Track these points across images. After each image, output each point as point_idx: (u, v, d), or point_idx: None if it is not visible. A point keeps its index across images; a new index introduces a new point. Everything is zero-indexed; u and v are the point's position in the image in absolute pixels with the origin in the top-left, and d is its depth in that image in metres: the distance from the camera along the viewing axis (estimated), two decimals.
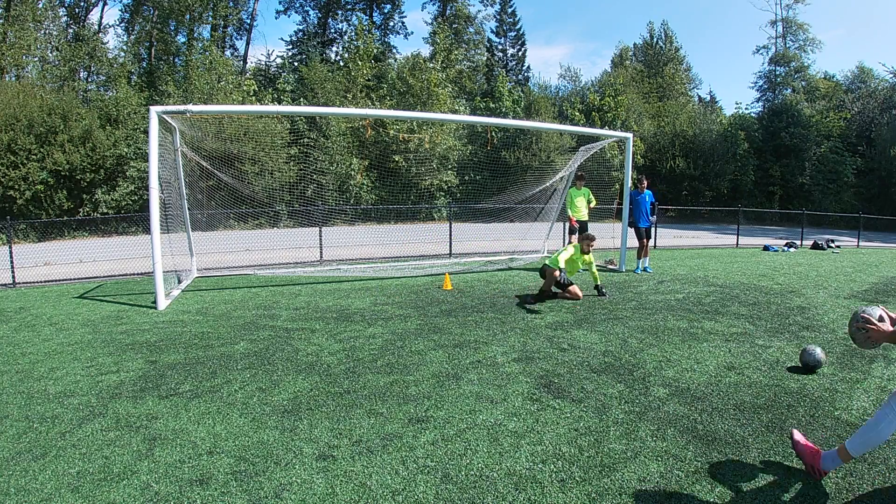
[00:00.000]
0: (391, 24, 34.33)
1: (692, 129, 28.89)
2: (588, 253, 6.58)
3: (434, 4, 34.86)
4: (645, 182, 9.26)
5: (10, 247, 8.36)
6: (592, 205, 9.14)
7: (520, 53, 36.19)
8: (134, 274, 8.91)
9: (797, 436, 2.53)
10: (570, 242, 9.03)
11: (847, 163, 28.88)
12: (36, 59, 22.50)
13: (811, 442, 2.53)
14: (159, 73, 23.78)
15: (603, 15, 69.31)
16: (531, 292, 6.71)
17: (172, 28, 26.40)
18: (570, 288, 6.45)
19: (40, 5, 22.81)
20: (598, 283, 6.79)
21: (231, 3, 28.14)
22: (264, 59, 31.55)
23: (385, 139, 21.92)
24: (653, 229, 10.30)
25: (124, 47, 25.35)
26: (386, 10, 34.17)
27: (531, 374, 3.80)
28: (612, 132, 11.55)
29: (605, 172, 16.93)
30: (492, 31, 35.68)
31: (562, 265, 6.21)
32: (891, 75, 31.43)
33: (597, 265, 9.63)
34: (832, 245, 14.78)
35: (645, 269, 9.05)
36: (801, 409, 3.14)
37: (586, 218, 9.00)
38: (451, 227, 11.76)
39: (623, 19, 67.15)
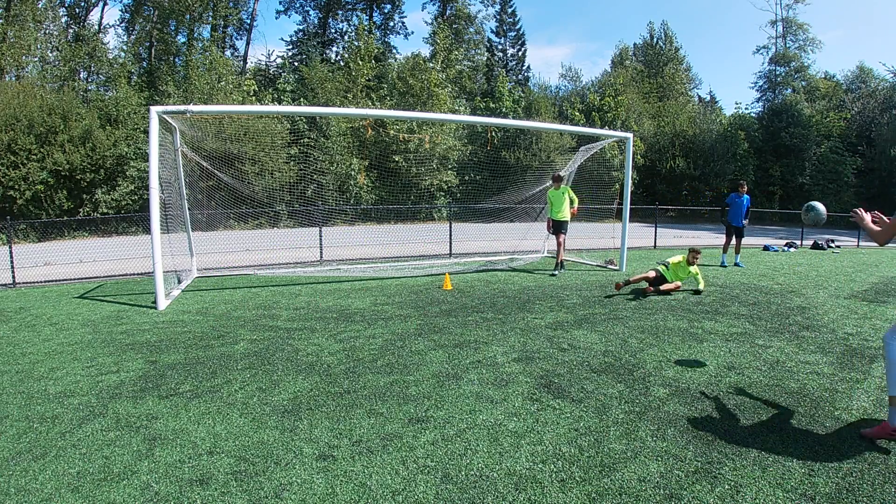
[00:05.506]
0: (391, 24, 34.37)
1: (692, 129, 28.87)
2: (693, 264, 6.98)
3: (434, 4, 34.88)
4: (744, 187, 10.01)
5: (10, 247, 8.36)
6: (575, 204, 8.97)
7: (520, 53, 36.17)
8: (134, 274, 8.90)
9: (864, 431, 2.81)
10: (557, 243, 8.89)
11: (847, 163, 28.87)
12: (36, 59, 22.49)
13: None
14: (159, 73, 23.75)
15: (604, 15, 69.41)
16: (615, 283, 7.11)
17: (172, 28, 26.39)
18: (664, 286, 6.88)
19: (40, 5, 22.79)
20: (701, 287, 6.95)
21: (231, 3, 28.12)
22: (264, 59, 31.57)
23: (385, 139, 21.90)
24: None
25: (124, 47, 25.36)
26: (386, 10, 34.20)
27: (531, 374, 3.80)
28: (612, 132, 11.55)
29: (605, 172, 16.89)
30: (492, 31, 35.69)
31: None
32: (891, 75, 31.47)
33: (597, 265, 9.71)
34: (832, 245, 14.77)
35: (736, 264, 9.71)
36: (801, 409, 3.13)
37: (567, 218, 8.81)
38: (451, 227, 11.76)
39: (623, 19, 67.25)
